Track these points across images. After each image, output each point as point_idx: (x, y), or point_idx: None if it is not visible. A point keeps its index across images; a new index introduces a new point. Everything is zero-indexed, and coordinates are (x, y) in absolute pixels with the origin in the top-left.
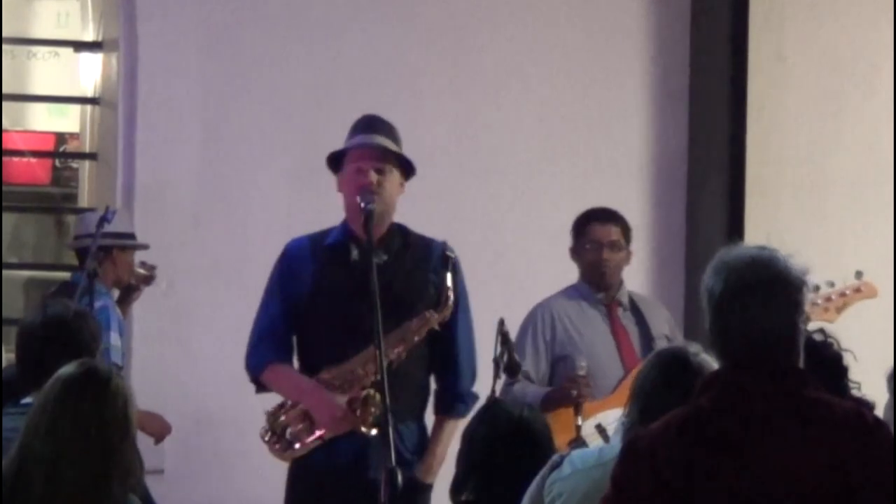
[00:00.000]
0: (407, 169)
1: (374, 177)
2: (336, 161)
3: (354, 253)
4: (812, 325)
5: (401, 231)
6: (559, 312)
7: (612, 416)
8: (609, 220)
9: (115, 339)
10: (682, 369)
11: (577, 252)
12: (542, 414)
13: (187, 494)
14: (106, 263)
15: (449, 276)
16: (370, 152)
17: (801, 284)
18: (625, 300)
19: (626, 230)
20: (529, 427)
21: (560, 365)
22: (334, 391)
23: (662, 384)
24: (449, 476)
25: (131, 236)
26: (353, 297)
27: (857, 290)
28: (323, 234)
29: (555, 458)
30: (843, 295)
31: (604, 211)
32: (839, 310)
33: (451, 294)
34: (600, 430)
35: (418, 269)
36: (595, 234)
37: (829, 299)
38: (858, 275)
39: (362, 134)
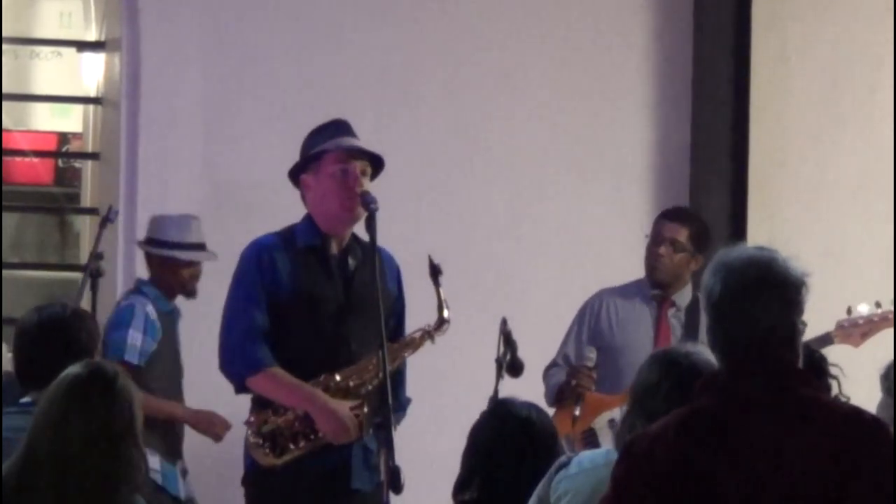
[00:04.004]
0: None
1: (365, 180)
2: (305, 163)
3: (334, 256)
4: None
5: (356, 239)
6: (608, 303)
7: None
8: (679, 219)
9: (132, 336)
10: (673, 369)
11: (647, 245)
12: (557, 415)
13: None
14: (164, 269)
15: (442, 291)
16: (356, 155)
17: (800, 285)
18: (682, 301)
19: (697, 235)
20: (535, 428)
21: (598, 354)
22: (335, 397)
23: (655, 384)
24: (452, 475)
25: (182, 246)
26: (338, 304)
27: (885, 319)
28: (290, 234)
29: (563, 458)
30: (870, 322)
31: (682, 210)
32: (863, 336)
33: (445, 311)
34: (612, 424)
35: (380, 276)
36: (660, 228)
37: (855, 324)
38: (877, 304)
39: (340, 137)
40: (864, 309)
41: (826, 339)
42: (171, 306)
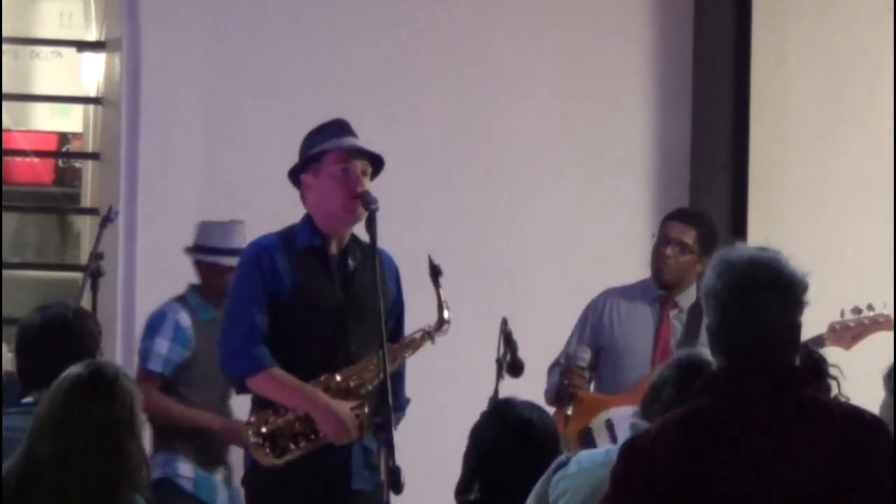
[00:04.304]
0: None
1: (365, 180)
2: (305, 162)
3: (334, 257)
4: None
5: (355, 239)
6: (611, 303)
7: (623, 412)
8: (687, 220)
9: (158, 344)
10: (697, 375)
11: (653, 246)
12: (555, 414)
13: None
14: (210, 275)
15: (442, 292)
16: (357, 155)
17: (801, 285)
18: (685, 303)
19: (704, 237)
20: (537, 429)
21: (600, 353)
22: (335, 397)
23: (677, 388)
24: (452, 475)
25: (226, 251)
26: (338, 304)
27: (877, 323)
28: (289, 234)
29: (561, 457)
30: (861, 324)
31: (690, 212)
32: (854, 339)
33: (446, 312)
34: (609, 425)
35: (379, 277)
36: (667, 229)
37: (847, 327)
38: (870, 307)
39: (340, 136)
40: (856, 312)
41: (818, 342)
42: (216, 314)
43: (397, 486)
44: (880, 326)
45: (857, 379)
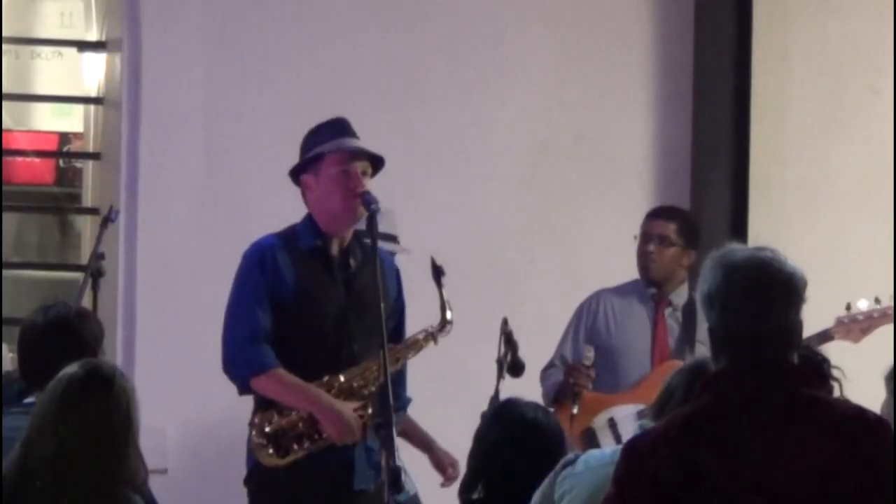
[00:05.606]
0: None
1: (365, 180)
2: (305, 163)
3: (335, 257)
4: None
5: (356, 238)
6: (605, 303)
7: (626, 411)
8: (667, 215)
9: None
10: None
11: (637, 246)
12: (556, 414)
13: (190, 494)
14: None
15: (444, 292)
16: (358, 156)
17: (800, 284)
18: (679, 300)
19: (685, 230)
20: (542, 429)
21: (596, 354)
22: (338, 398)
23: (687, 394)
24: (458, 476)
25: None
26: (340, 305)
27: (885, 315)
28: (291, 234)
29: (569, 455)
30: (870, 317)
31: (668, 207)
32: (864, 331)
33: (448, 312)
34: (611, 423)
35: (380, 277)
36: (647, 227)
37: (855, 320)
38: (877, 300)
39: (341, 137)
40: (863, 304)
41: (826, 336)
42: None
43: (397, 486)
44: (888, 319)
45: (857, 380)
